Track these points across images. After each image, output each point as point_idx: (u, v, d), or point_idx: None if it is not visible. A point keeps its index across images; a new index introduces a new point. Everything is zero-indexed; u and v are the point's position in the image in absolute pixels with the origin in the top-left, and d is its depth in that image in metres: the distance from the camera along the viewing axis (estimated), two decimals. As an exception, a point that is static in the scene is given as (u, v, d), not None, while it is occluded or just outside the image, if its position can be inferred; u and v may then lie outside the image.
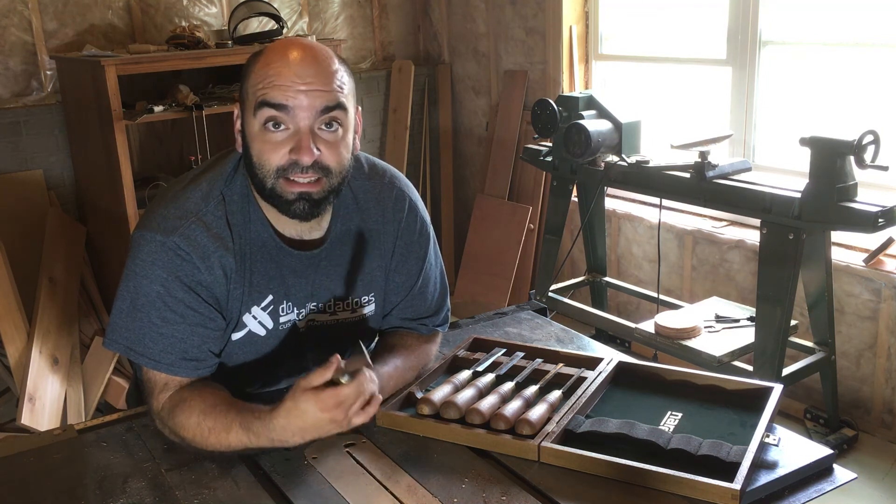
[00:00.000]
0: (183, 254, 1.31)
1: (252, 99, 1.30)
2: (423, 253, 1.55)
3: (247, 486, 1.24)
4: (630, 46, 3.95)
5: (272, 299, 1.41)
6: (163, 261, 1.31)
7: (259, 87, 1.29)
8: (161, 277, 1.31)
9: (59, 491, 1.24)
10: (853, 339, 3.03)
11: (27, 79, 3.57)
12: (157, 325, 1.32)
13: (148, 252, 1.32)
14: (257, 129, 1.30)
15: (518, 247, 4.17)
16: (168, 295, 1.32)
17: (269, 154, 1.29)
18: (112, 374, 3.41)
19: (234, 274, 1.36)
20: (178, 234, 1.32)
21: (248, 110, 1.32)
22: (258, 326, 1.42)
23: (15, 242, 3.41)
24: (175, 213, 1.34)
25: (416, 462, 1.28)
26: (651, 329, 2.95)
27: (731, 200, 2.83)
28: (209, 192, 1.36)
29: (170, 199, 1.37)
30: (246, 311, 1.40)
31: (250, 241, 1.38)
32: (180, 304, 1.32)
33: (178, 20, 3.84)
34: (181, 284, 1.32)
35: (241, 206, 1.38)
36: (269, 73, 1.28)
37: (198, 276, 1.33)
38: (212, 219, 1.34)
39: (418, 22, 4.74)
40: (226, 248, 1.35)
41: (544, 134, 3.40)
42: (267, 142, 1.29)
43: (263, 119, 1.28)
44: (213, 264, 1.34)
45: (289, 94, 1.27)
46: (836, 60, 3.18)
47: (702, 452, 1.23)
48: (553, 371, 1.50)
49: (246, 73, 1.33)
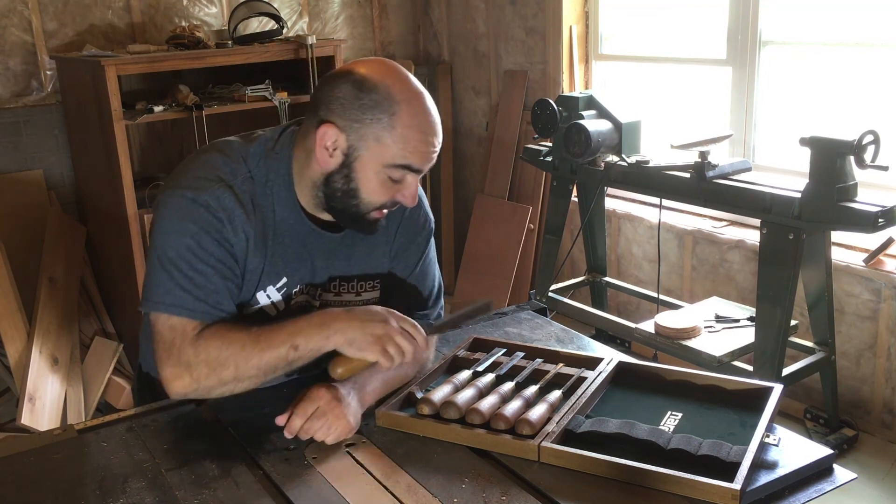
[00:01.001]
0: (213, 210, 1.36)
1: (393, 155, 1.35)
2: (424, 245, 1.61)
3: (247, 486, 1.24)
4: (630, 46, 3.95)
5: (286, 281, 1.47)
6: (193, 216, 1.36)
7: (405, 147, 1.35)
8: (192, 230, 1.36)
9: (59, 491, 1.24)
10: (853, 339, 3.03)
11: (27, 79, 3.57)
12: (189, 276, 1.35)
13: (177, 208, 1.36)
14: (383, 176, 1.37)
15: (518, 247, 4.17)
16: (199, 247, 1.36)
17: (383, 196, 1.40)
18: (112, 374, 3.41)
19: (253, 246, 1.41)
20: (209, 193, 1.37)
21: (376, 155, 1.36)
22: (270, 307, 1.47)
23: (15, 242, 3.41)
24: (205, 175, 1.39)
25: (416, 462, 1.28)
26: (651, 329, 2.95)
27: (731, 200, 2.83)
28: (236, 169, 1.41)
29: (198, 165, 1.41)
30: (261, 289, 1.45)
31: (274, 222, 1.43)
32: (211, 256, 1.37)
33: (178, 20, 3.85)
34: (211, 238, 1.36)
35: (270, 190, 1.43)
36: (416, 137, 1.35)
37: (225, 234, 1.38)
38: (239, 190, 1.39)
39: (418, 22, 4.74)
40: (248, 217, 1.40)
41: (544, 134, 3.40)
42: (385, 185, 1.39)
43: (397, 175, 1.38)
44: (238, 227, 1.39)
45: (426, 162, 1.38)
46: (836, 60, 3.18)
47: (702, 452, 1.23)
48: (553, 371, 1.50)
49: (377, 116, 1.33)
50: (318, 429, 1.31)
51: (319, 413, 1.32)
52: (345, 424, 1.33)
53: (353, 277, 1.54)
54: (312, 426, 1.31)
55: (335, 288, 1.53)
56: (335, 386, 1.36)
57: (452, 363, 1.58)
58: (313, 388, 1.35)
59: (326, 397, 1.33)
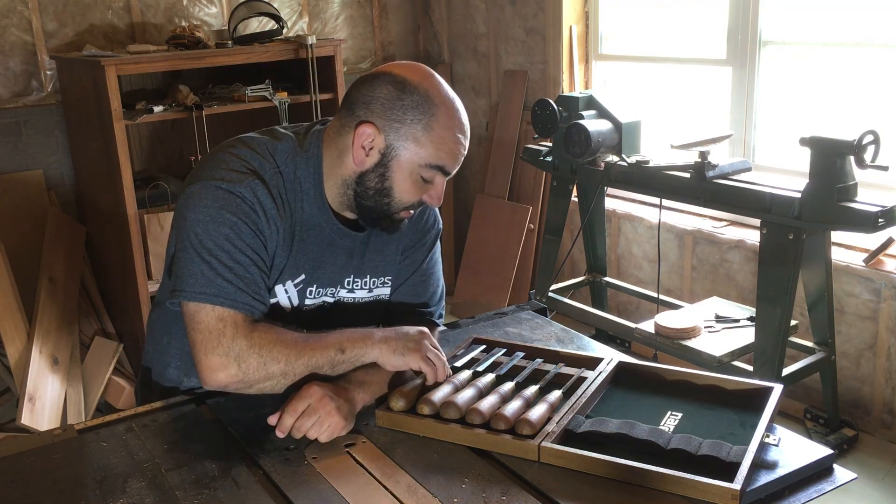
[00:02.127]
0: (249, 202, 1.38)
1: (430, 156, 1.39)
2: (431, 244, 1.64)
3: (247, 486, 1.24)
4: (630, 46, 3.95)
5: (304, 279, 1.48)
6: (231, 206, 1.37)
7: (441, 150, 1.39)
8: (230, 221, 1.36)
9: (59, 491, 1.24)
10: (853, 339, 3.03)
11: (27, 79, 3.57)
12: (229, 266, 1.36)
13: (214, 198, 1.37)
14: (416, 176, 1.41)
15: (518, 247, 4.17)
16: (237, 238, 1.37)
17: (414, 196, 1.44)
18: (112, 374, 3.41)
19: (282, 240, 1.43)
20: (245, 185, 1.38)
21: (413, 155, 1.40)
22: (287, 301, 1.49)
23: (15, 242, 3.41)
24: (238, 167, 1.40)
25: (416, 462, 1.28)
26: (651, 329, 2.95)
27: (731, 200, 2.83)
28: (265, 163, 1.42)
29: (228, 158, 1.42)
30: (281, 283, 1.47)
31: (301, 219, 1.45)
32: (248, 247, 1.38)
33: (178, 20, 3.85)
34: (249, 229, 1.38)
35: (298, 185, 1.44)
36: (450, 138, 1.40)
37: (261, 226, 1.39)
38: (270, 184, 1.41)
39: (418, 22, 4.74)
40: (279, 212, 1.42)
41: (544, 134, 3.40)
42: (417, 185, 1.43)
43: (430, 176, 1.42)
44: (272, 220, 1.41)
45: (456, 165, 1.43)
46: (836, 60, 3.18)
47: (702, 452, 1.23)
48: (553, 371, 1.50)
49: (418, 118, 1.38)
50: (310, 426, 1.31)
51: (311, 410, 1.32)
52: (337, 421, 1.32)
53: (366, 274, 1.56)
54: (304, 424, 1.31)
55: (349, 284, 1.55)
56: (327, 384, 1.36)
57: (452, 363, 1.58)
58: (304, 386, 1.35)
59: (317, 394, 1.33)
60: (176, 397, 1.51)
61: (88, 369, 3.40)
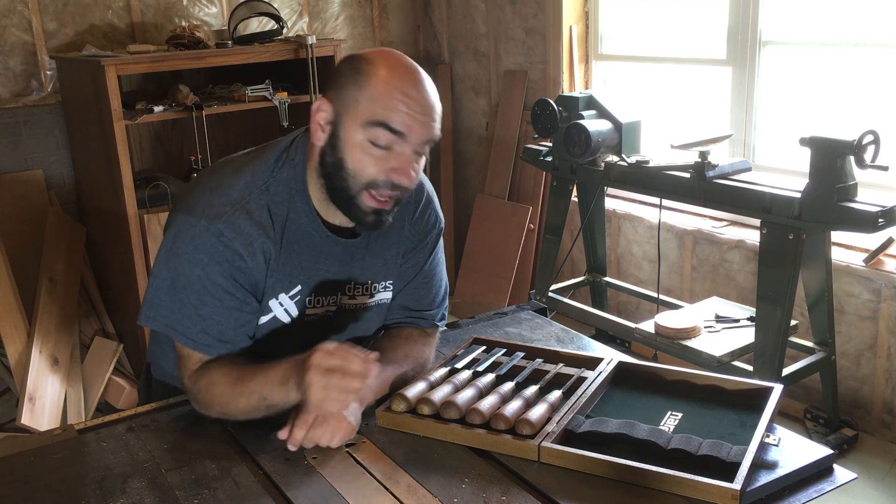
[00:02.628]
0: (226, 240, 1.36)
1: (366, 112, 1.32)
2: (433, 245, 1.60)
3: (247, 486, 1.24)
4: (630, 46, 3.94)
5: (300, 289, 1.46)
6: (206, 246, 1.35)
7: (380, 105, 1.31)
8: (202, 262, 1.35)
9: (59, 491, 1.24)
10: (853, 339, 3.03)
11: (27, 79, 3.57)
12: (195, 306, 1.36)
13: (192, 236, 1.36)
14: (362, 140, 1.33)
15: (518, 247, 4.17)
16: (208, 279, 1.36)
17: (369, 167, 1.33)
18: (112, 374, 3.41)
19: (273, 261, 1.41)
20: (223, 220, 1.36)
21: (353, 117, 1.33)
22: (283, 314, 1.46)
23: (15, 242, 3.41)
24: (220, 200, 1.37)
25: (416, 462, 1.28)
26: (651, 329, 2.95)
27: (731, 200, 2.83)
28: (252, 181, 1.40)
29: (215, 185, 1.40)
30: (273, 297, 1.44)
31: (290, 230, 1.42)
32: (219, 288, 1.36)
33: (178, 20, 3.84)
34: (221, 270, 1.36)
35: (286, 197, 1.41)
36: (395, 95, 1.31)
37: (238, 263, 1.37)
38: (255, 207, 1.38)
39: (418, 22, 4.74)
40: (267, 235, 1.39)
41: (544, 134, 3.40)
42: (370, 155, 1.33)
43: (375, 137, 1.32)
44: (256, 250, 1.38)
45: (409, 123, 1.31)
46: (836, 60, 3.18)
47: (702, 452, 1.23)
48: (553, 371, 1.50)
49: (356, 80, 1.34)
50: (322, 436, 1.31)
51: (321, 420, 1.31)
52: (347, 426, 1.33)
53: (367, 279, 1.53)
54: (315, 434, 1.31)
55: (350, 291, 1.52)
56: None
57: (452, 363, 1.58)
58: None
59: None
60: (176, 397, 1.51)
61: (88, 369, 3.40)
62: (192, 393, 1.40)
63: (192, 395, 1.41)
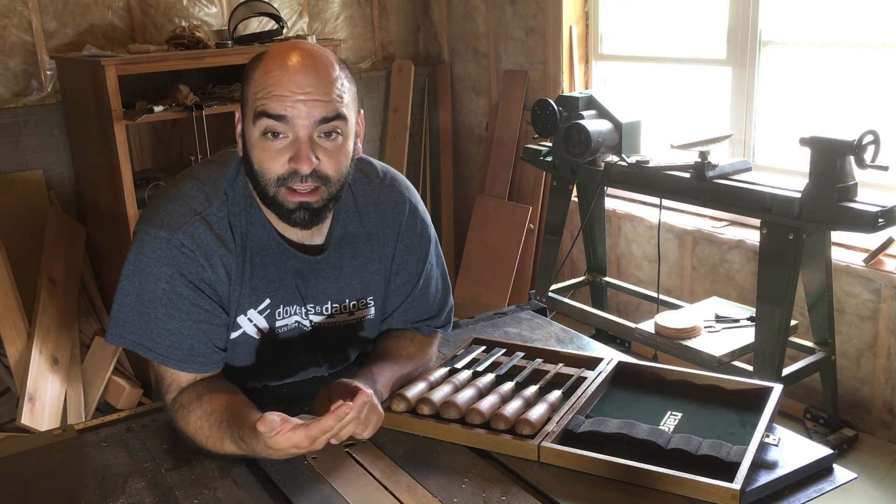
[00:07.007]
0: (187, 251, 1.32)
1: (251, 107, 1.29)
2: (424, 255, 1.55)
3: (247, 486, 1.24)
4: (630, 46, 3.94)
5: (269, 303, 1.41)
6: (167, 258, 1.32)
7: (258, 95, 1.28)
8: (166, 274, 1.32)
9: (59, 491, 1.24)
10: (853, 339, 3.03)
11: (27, 79, 3.57)
12: (163, 321, 1.33)
13: (153, 248, 1.32)
14: (257, 136, 1.29)
15: (518, 247, 4.17)
16: (173, 292, 1.32)
17: (269, 163, 1.29)
18: (112, 374, 3.41)
19: (235, 275, 1.37)
20: (183, 231, 1.32)
21: (247, 116, 1.31)
22: (252, 329, 1.42)
23: (15, 242, 3.41)
24: (179, 210, 1.34)
25: (416, 462, 1.28)
26: (651, 329, 2.95)
27: (731, 200, 2.82)
28: (212, 193, 1.36)
29: (173, 195, 1.37)
30: (241, 313, 1.40)
31: (251, 243, 1.38)
32: (185, 301, 1.33)
33: (178, 20, 3.85)
34: (186, 282, 1.32)
35: (243, 208, 1.38)
36: (269, 81, 1.27)
37: (202, 274, 1.33)
38: (215, 219, 1.35)
39: (418, 22, 4.74)
40: (227, 248, 1.35)
41: (544, 134, 3.40)
42: (267, 150, 1.29)
43: (262, 128, 1.28)
44: (216, 263, 1.34)
45: (287, 105, 1.26)
46: (836, 60, 3.18)
47: (702, 452, 1.23)
48: (553, 371, 1.50)
49: (246, 78, 1.32)
50: (354, 428, 1.24)
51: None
52: (380, 412, 1.30)
53: (343, 298, 1.47)
54: (349, 427, 1.22)
55: (327, 311, 1.47)
56: (353, 383, 1.32)
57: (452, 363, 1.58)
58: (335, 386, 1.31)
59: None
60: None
61: (88, 369, 3.40)
62: (173, 420, 1.35)
63: (173, 421, 1.35)
